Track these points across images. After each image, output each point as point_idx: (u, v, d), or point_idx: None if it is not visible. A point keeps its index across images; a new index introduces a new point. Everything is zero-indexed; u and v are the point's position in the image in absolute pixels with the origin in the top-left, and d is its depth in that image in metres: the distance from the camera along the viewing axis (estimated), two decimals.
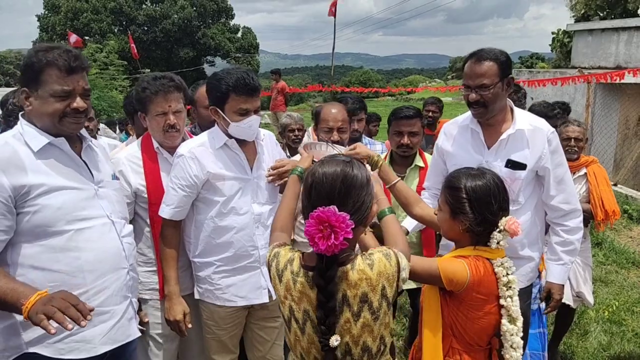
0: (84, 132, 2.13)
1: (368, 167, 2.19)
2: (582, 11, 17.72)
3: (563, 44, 24.71)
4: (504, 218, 1.93)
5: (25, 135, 1.94)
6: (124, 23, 40.47)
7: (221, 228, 2.53)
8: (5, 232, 1.84)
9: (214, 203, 2.52)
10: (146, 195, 2.55)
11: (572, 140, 3.66)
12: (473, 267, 1.88)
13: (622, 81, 9.64)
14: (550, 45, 26.62)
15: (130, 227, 2.24)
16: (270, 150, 2.71)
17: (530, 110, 4.82)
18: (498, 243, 1.93)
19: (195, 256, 2.63)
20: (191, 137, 2.71)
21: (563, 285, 2.69)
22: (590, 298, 3.77)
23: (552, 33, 26.56)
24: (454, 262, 1.91)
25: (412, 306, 3.89)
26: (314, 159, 2.17)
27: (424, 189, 3.00)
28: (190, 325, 2.57)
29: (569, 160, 2.95)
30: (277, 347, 2.81)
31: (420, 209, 2.29)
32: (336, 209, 1.50)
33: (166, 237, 2.55)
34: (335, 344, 1.56)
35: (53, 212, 1.89)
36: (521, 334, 1.95)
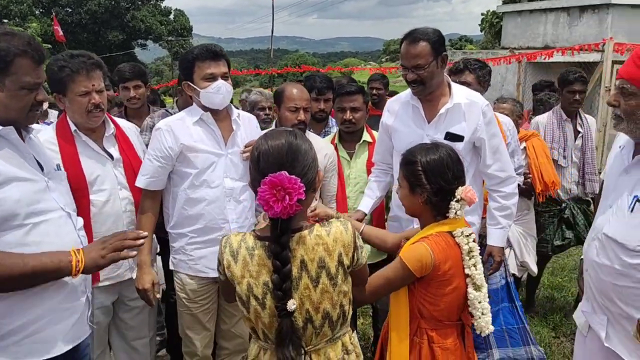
0: None
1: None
2: None
3: (492, 25, 25.59)
4: (460, 187, 2.00)
5: None
6: (46, 4, 38.26)
7: (193, 200, 2.60)
8: None
9: (187, 175, 2.59)
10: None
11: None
12: (434, 246, 1.93)
13: (551, 60, 10.12)
14: (480, 25, 27.51)
15: (81, 219, 2.13)
16: (249, 131, 2.76)
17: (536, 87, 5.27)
18: (456, 212, 2.00)
19: (171, 227, 2.71)
20: (112, 120, 2.66)
21: (503, 248, 2.88)
22: (534, 267, 3.97)
23: (482, 14, 27.43)
24: (415, 249, 1.95)
25: None
26: None
27: (373, 164, 3.11)
28: (159, 295, 2.61)
29: None
30: (242, 322, 2.81)
31: (392, 238, 2.36)
32: (287, 173, 1.55)
33: (142, 208, 2.61)
34: (293, 307, 1.59)
35: (12, 205, 1.74)
36: (487, 300, 2.02)
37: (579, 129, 4.20)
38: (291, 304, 1.60)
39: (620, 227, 1.88)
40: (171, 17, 45.48)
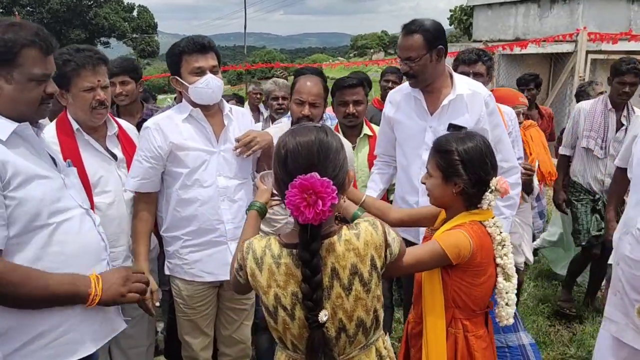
0: None
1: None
2: None
3: (460, 20, 25.91)
4: (494, 178, 1.94)
5: None
6: (6, 4, 37.02)
7: (185, 201, 2.46)
8: (5, 227, 1.61)
9: (178, 175, 2.45)
10: None
11: None
12: (472, 233, 1.87)
13: (524, 51, 10.22)
14: (448, 19, 27.78)
15: (98, 217, 2.04)
16: (243, 127, 2.62)
17: None
18: (489, 204, 1.94)
19: (164, 231, 2.58)
20: (114, 119, 2.56)
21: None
22: (530, 256, 3.94)
23: (450, 11, 27.72)
24: (453, 235, 1.89)
25: (398, 280, 3.87)
26: (274, 191, 2.00)
27: (375, 157, 3.04)
28: (157, 304, 2.47)
29: None
30: (245, 327, 2.78)
31: (396, 213, 2.29)
32: (318, 175, 1.43)
33: (137, 212, 2.48)
34: (324, 318, 1.49)
35: (37, 204, 1.68)
36: (515, 291, 1.98)
37: (623, 121, 4.00)
38: (323, 316, 1.48)
39: None
40: (135, 13, 44.57)
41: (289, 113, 3.01)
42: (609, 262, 2.44)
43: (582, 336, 3.86)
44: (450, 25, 27.61)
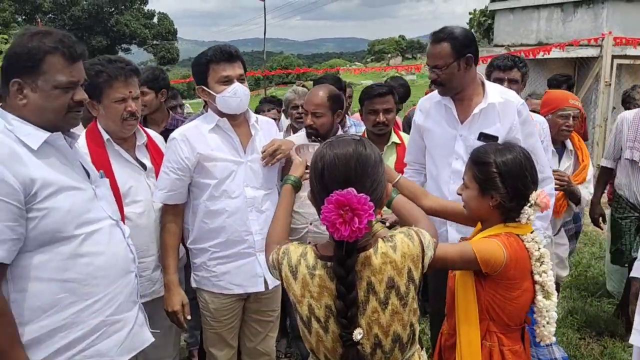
0: None
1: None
2: None
3: (480, 23, 25.65)
4: (534, 192, 1.87)
5: (17, 132, 1.66)
6: (29, 11, 37.73)
7: (213, 212, 2.44)
8: (19, 242, 1.60)
9: (206, 186, 2.43)
10: None
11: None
12: (507, 245, 1.81)
13: (547, 56, 10.07)
14: (467, 24, 27.58)
15: (128, 228, 2.04)
16: (268, 136, 2.60)
17: None
18: (529, 218, 1.88)
19: (191, 242, 2.56)
20: (143, 129, 2.56)
21: None
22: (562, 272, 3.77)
23: (470, 13, 27.52)
24: (487, 243, 1.83)
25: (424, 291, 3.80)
26: (308, 164, 1.99)
27: (404, 164, 3.01)
28: (189, 317, 2.47)
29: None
30: (269, 339, 2.76)
31: (429, 200, 2.20)
32: (355, 191, 1.38)
33: (165, 225, 2.46)
34: (359, 337, 1.45)
35: (63, 215, 1.68)
36: (556, 309, 1.92)
37: None
38: (357, 334, 1.43)
39: None
40: (155, 20, 45.10)
41: None
42: (632, 274, 2.35)
43: (613, 349, 3.74)
44: (470, 29, 27.41)
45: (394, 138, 3.26)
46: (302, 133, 3.01)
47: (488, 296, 1.85)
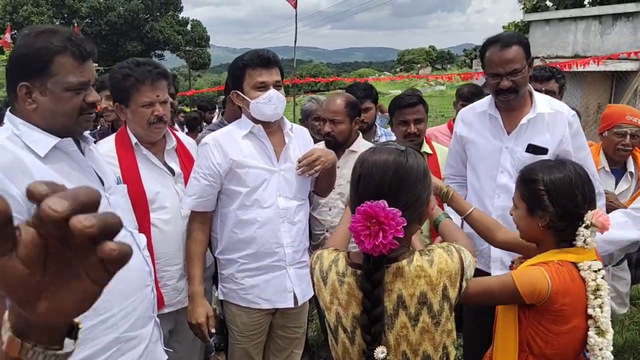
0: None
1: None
2: (535, 1, 18.09)
3: None
4: (590, 212, 1.73)
5: (25, 138, 1.57)
6: (66, 16, 38.73)
7: (244, 222, 2.35)
8: None
9: (237, 194, 2.34)
10: None
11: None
12: (555, 274, 1.67)
13: (584, 69, 9.82)
14: None
15: (145, 238, 1.96)
16: (302, 144, 2.53)
17: None
18: (585, 241, 1.72)
19: (219, 253, 2.47)
20: (173, 133, 2.50)
21: None
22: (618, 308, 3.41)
23: (503, 27, 27.25)
24: (531, 271, 1.70)
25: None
26: None
27: (435, 175, 2.87)
28: (213, 330, 2.38)
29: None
30: (295, 355, 2.66)
31: (503, 234, 2.08)
32: (386, 204, 1.30)
33: (191, 233, 2.36)
34: (381, 356, 1.37)
35: None
36: (611, 348, 1.74)
37: None
38: (379, 352, 1.36)
39: None
40: (188, 27, 45.82)
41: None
42: None
43: None
44: None
45: (425, 148, 3.16)
46: (322, 144, 2.94)
47: (530, 327, 1.72)
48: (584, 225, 1.72)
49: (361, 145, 2.83)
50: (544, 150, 2.44)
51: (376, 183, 1.38)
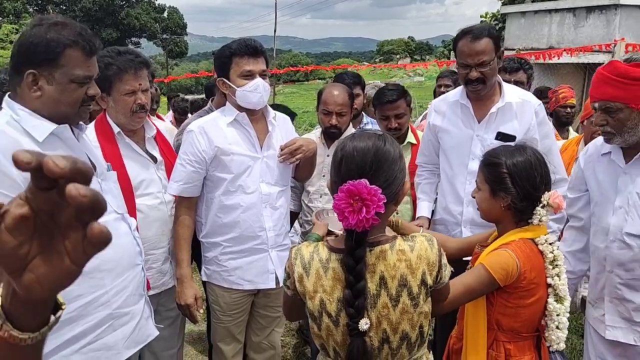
0: None
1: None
2: None
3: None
4: (547, 193, 1.87)
5: (23, 123, 1.63)
6: (40, 2, 37.86)
7: (228, 207, 2.44)
8: None
9: (221, 180, 2.42)
10: None
11: None
12: (520, 253, 1.80)
13: (557, 61, 10.04)
14: None
15: (134, 220, 2.04)
16: (285, 133, 2.61)
17: None
18: (541, 219, 1.87)
19: (204, 236, 2.55)
20: (151, 121, 2.55)
21: None
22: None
23: (481, 17, 27.44)
24: (498, 256, 1.82)
25: None
26: (329, 228, 2.05)
27: (416, 166, 3.00)
28: (201, 310, 2.48)
29: None
30: (275, 334, 2.77)
31: (454, 242, 2.22)
32: (367, 182, 1.41)
33: (178, 218, 2.44)
34: (365, 327, 1.47)
35: None
36: (568, 315, 1.89)
37: None
38: (363, 324, 1.46)
39: None
40: (165, 14, 45.18)
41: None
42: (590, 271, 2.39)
43: None
44: None
45: (410, 138, 3.26)
46: (317, 131, 3.03)
47: (499, 306, 1.84)
48: (540, 205, 1.86)
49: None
50: (512, 138, 2.55)
51: (358, 164, 1.48)
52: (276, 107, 3.35)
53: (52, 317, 0.64)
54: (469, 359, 1.87)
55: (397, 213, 2.51)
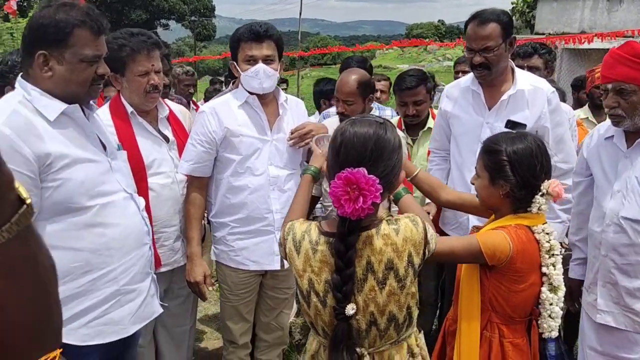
0: None
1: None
2: None
3: (522, 12, 24.98)
4: (546, 181, 1.85)
5: (35, 102, 1.69)
6: None
7: (236, 188, 2.47)
8: None
9: (230, 162, 2.46)
10: None
11: None
12: (514, 237, 1.80)
13: (589, 46, 9.77)
14: (509, 11, 26.89)
15: (143, 200, 2.08)
16: (297, 117, 2.62)
17: None
18: (540, 208, 1.85)
19: (213, 216, 2.60)
20: (164, 102, 2.60)
21: (561, 243, 2.71)
22: None
23: (512, 2, 26.82)
24: (493, 235, 1.82)
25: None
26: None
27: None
28: (210, 288, 2.53)
29: None
30: (283, 315, 2.81)
31: (447, 194, 2.22)
32: (366, 171, 1.42)
33: (189, 197, 2.49)
34: (351, 312, 1.49)
35: (76, 187, 1.71)
36: (561, 304, 1.89)
37: None
38: (350, 309, 1.48)
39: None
40: None
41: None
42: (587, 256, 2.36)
43: None
44: (512, 17, 26.75)
45: (430, 123, 3.23)
46: (335, 118, 3.02)
47: (492, 287, 1.85)
48: (540, 194, 1.84)
49: None
50: (522, 126, 2.49)
51: (358, 152, 1.49)
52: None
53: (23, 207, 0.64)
54: (463, 339, 1.89)
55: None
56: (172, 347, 2.73)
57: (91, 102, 1.91)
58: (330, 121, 3.06)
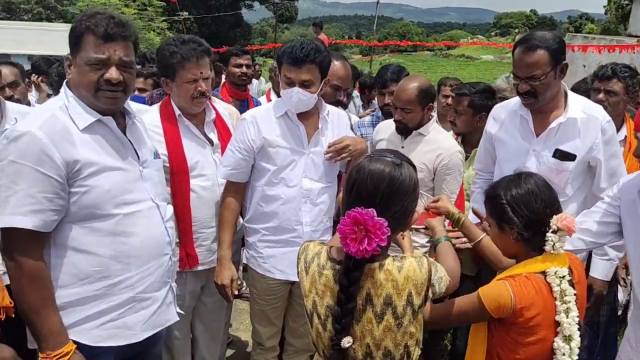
0: (127, 106, 1.99)
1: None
2: None
3: (620, 6, 23.39)
4: (554, 216, 1.78)
5: (71, 109, 1.80)
6: None
7: (269, 197, 2.53)
8: (59, 212, 1.74)
9: (265, 171, 2.52)
10: (168, 165, 2.45)
11: None
12: (518, 289, 1.74)
13: None
14: (604, 7, 25.28)
15: (171, 209, 2.15)
16: (337, 130, 2.63)
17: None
18: (554, 245, 1.77)
19: (246, 221, 2.67)
20: (213, 106, 2.69)
21: (607, 282, 2.63)
22: None
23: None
24: (495, 287, 1.79)
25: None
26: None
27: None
28: (236, 292, 2.59)
29: None
30: None
31: (507, 262, 2.11)
32: (375, 213, 1.42)
33: (224, 200, 2.57)
34: (347, 345, 1.51)
35: (102, 194, 1.78)
36: (575, 357, 1.79)
37: None
38: (345, 342, 1.50)
39: None
40: None
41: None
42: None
43: None
44: (606, 14, 25.10)
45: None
46: (390, 122, 2.92)
47: (499, 338, 1.81)
48: (550, 230, 1.77)
49: (431, 129, 2.81)
50: (571, 157, 2.40)
51: (369, 192, 1.50)
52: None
53: None
54: None
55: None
56: (208, 341, 2.86)
57: (130, 108, 1.98)
58: (385, 124, 3.00)
